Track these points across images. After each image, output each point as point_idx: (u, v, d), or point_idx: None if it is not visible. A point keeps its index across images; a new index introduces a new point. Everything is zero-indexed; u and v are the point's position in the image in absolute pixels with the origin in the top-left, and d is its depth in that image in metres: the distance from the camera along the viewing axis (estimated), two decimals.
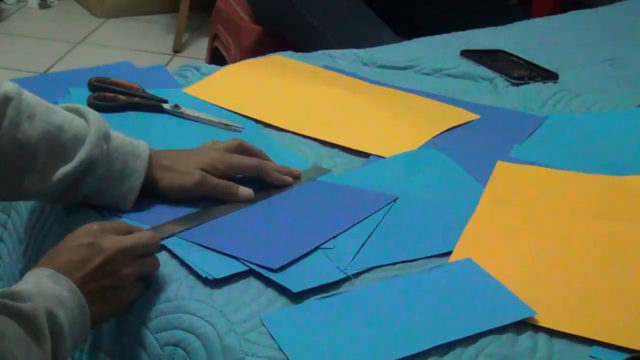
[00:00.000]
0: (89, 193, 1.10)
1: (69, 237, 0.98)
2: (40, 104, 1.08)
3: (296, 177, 1.23)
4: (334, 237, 1.10)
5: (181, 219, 1.11)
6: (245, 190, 1.16)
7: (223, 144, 1.21)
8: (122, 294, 0.98)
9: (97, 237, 0.97)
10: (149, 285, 1.01)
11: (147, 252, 1.01)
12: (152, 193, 1.14)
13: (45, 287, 0.91)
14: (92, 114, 1.11)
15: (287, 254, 1.05)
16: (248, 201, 1.16)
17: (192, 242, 1.07)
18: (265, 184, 1.20)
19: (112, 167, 1.10)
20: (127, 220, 1.10)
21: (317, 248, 1.08)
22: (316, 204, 1.19)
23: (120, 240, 0.98)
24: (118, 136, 1.12)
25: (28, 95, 1.07)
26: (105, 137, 1.10)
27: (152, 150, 1.14)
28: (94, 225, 0.99)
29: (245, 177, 1.20)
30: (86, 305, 0.93)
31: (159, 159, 1.14)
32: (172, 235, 1.07)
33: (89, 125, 1.09)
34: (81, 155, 1.07)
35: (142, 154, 1.12)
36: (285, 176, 1.21)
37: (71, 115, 1.10)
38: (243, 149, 1.21)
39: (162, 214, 1.12)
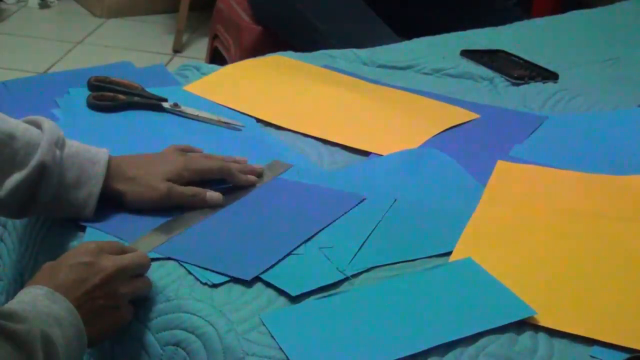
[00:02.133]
0: (46, 202, 1.09)
1: (66, 255, 0.97)
2: None
3: (259, 175, 1.22)
4: (305, 242, 1.09)
5: (158, 230, 1.10)
6: (213, 196, 1.15)
7: (184, 146, 1.21)
8: (119, 314, 0.97)
9: (95, 256, 0.96)
10: (141, 304, 1.00)
11: (141, 273, 1.00)
12: (118, 204, 1.13)
13: (41, 306, 0.89)
14: (47, 122, 1.09)
15: (259, 263, 1.04)
16: (217, 205, 1.15)
17: (167, 257, 1.05)
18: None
19: (67, 174, 1.08)
20: (96, 230, 1.09)
21: (289, 254, 1.07)
22: (285, 206, 1.19)
23: (118, 259, 0.97)
24: (74, 144, 1.11)
25: None
26: (59, 144, 1.08)
27: (113, 158, 1.12)
28: (92, 244, 0.98)
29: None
30: (82, 325, 0.92)
31: (122, 168, 1.12)
32: (152, 249, 1.06)
33: (43, 132, 1.08)
34: (33, 162, 1.06)
35: (100, 160, 1.10)
36: (249, 176, 1.21)
37: (24, 125, 1.08)
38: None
39: (134, 222, 1.11)
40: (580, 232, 1.17)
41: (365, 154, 1.34)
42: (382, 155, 1.33)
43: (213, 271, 1.03)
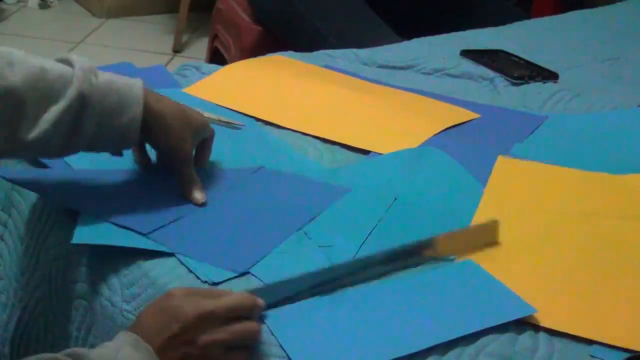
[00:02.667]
0: (90, 133, 1.06)
1: (155, 301, 0.92)
2: (16, 52, 1.05)
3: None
4: (299, 237, 1.10)
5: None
6: (199, 195, 1.14)
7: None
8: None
9: (179, 300, 0.89)
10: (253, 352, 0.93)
11: (243, 316, 0.92)
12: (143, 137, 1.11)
13: (123, 354, 0.85)
14: (74, 56, 1.07)
15: (249, 257, 1.05)
16: (196, 204, 1.14)
17: (169, 253, 1.05)
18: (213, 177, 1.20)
19: (106, 100, 1.06)
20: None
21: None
22: (271, 198, 1.19)
23: (203, 304, 0.89)
24: (105, 72, 1.08)
25: (1, 48, 1.05)
26: (93, 72, 1.06)
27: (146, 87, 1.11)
28: (179, 289, 0.92)
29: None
30: None
31: (157, 96, 1.11)
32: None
33: (73, 64, 1.05)
34: (71, 92, 1.03)
35: (137, 83, 1.09)
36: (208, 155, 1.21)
37: (51, 60, 1.06)
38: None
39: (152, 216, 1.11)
40: (580, 232, 1.17)
41: (366, 152, 1.34)
42: (382, 154, 1.33)
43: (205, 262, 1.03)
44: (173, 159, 1.14)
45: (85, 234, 1.07)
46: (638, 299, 1.05)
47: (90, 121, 1.05)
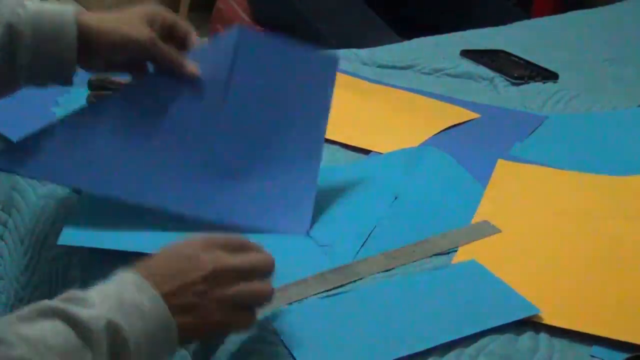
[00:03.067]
0: (28, 67, 1.03)
1: (171, 245, 0.89)
2: None
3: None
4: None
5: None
6: (192, 68, 1.09)
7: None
8: (213, 318, 0.86)
9: (199, 250, 0.87)
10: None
11: (259, 276, 0.89)
12: (92, 56, 1.06)
13: (126, 292, 0.82)
14: None
15: (304, 211, 1.04)
16: (193, 77, 1.09)
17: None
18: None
19: (39, 29, 1.02)
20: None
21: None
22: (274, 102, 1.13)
23: (222, 258, 0.87)
24: (36, 1, 1.04)
25: None
26: (19, 2, 1.03)
27: (80, 9, 1.06)
28: (199, 237, 0.89)
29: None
30: (170, 317, 0.83)
31: (92, 14, 1.06)
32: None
33: None
34: None
35: (67, 8, 1.04)
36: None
37: None
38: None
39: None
40: (581, 232, 1.17)
41: (366, 152, 1.34)
42: (382, 153, 1.33)
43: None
44: (139, 49, 1.06)
45: (71, 236, 1.06)
46: (638, 297, 1.06)
47: (24, 53, 1.02)
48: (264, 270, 0.90)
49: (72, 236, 1.06)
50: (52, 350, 0.76)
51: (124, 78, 1.44)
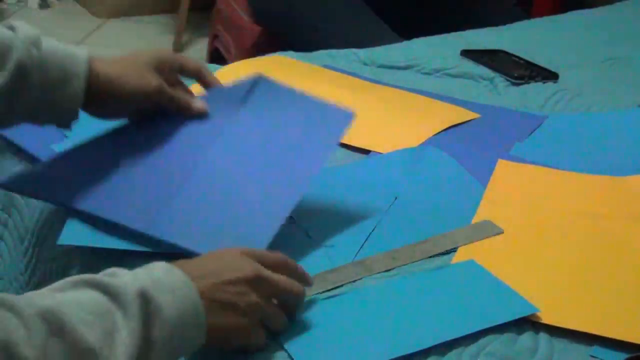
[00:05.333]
0: (29, 109, 1.03)
1: (216, 251, 0.90)
2: None
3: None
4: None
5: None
6: (199, 104, 1.11)
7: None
8: (241, 321, 0.87)
9: (238, 256, 0.89)
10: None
11: (283, 301, 0.91)
12: (101, 104, 1.07)
13: (155, 273, 0.82)
14: (19, 23, 1.02)
15: (267, 228, 1.02)
16: (202, 115, 1.11)
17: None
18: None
19: (48, 74, 1.02)
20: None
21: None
22: (274, 139, 1.12)
23: (264, 270, 0.89)
24: (51, 41, 1.04)
25: None
26: (36, 43, 1.01)
27: (94, 56, 1.06)
28: (237, 249, 0.90)
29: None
30: (201, 304, 0.82)
31: (104, 59, 1.06)
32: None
33: (16, 32, 1.01)
34: (10, 64, 0.99)
35: (81, 56, 1.04)
36: (219, 81, 1.16)
37: None
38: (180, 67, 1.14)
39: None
40: (581, 232, 1.17)
41: (366, 152, 1.34)
42: (382, 153, 1.33)
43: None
44: (146, 99, 1.08)
45: (72, 236, 1.06)
46: (638, 295, 1.06)
47: (30, 95, 1.02)
48: (294, 298, 0.92)
49: (72, 236, 1.06)
50: (84, 309, 0.76)
51: None
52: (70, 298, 0.78)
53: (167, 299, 0.80)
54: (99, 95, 1.06)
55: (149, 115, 1.14)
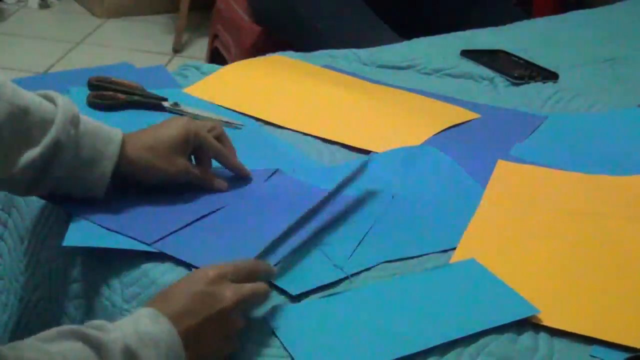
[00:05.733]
0: (57, 181, 1.07)
1: (184, 280, 0.93)
2: (7, 86, 1.04)
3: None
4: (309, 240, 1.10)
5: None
6: (220, 183, 1.18)
7: (200, 122, 1.20)
8: (228, 347, 0.93)
9: (216, 284, 0.92)
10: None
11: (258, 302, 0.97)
12: (129, 180, 1.12)
13: (142, 324, 0.87)
14: (60, 98, 1.08)
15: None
16: (222, 191, 1.17)
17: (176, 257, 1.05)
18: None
19: (81, 153, 1.07)
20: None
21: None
22: (282, 204, 1.18)
23: (239, 289, 0.93)
24: (89, 121, 1.09)
25: None
26: (74, 121, 1.06)
27: (125, 135, 1.11)
28: (212, 271, 0.93)
29: None
30: (183, 351, 0.88)
31: (135, 141, 1.11)
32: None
33: (57, 108, 1.06)
34: (47, 139, 1.04)
35: (115, 139, 1.09)
36: (244, 167, 1.21)
37: (39, 99, 1.07)
38: (219, 134, 1.20)
39: (141, 219, 1.10)
40: (580, 232, 1.17)
41: (366, 152, 1.34)
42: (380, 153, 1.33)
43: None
44: (172, 181, 1.14)
45: (77, 237, 1.07)
46: (638, 298, 1.06)
47: (60, 170, 1.07)
48: (264, 299, 0.97)
49: (77, 236, 1.07)
50: None
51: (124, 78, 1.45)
52: (58, 352, 0.80)
53: (151, 354, 0.85)
54: (126, 176, 1.12)
55: None
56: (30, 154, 1.04)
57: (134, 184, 1.14)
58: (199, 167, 1.17)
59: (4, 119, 1.02)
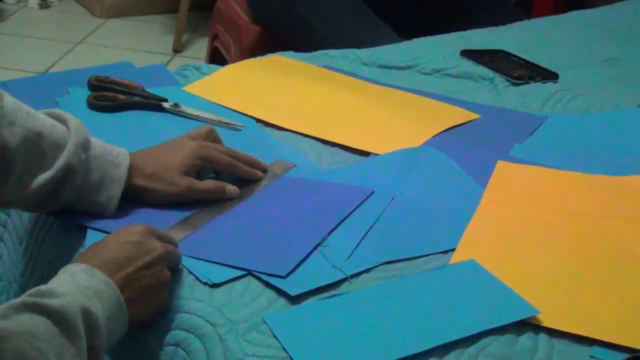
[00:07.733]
0: (67, 202, 1.10)
1: (114, 234, 0.98)
2: (21, 110, 1.06)
3: (264, 171, 1.24)
4: (328, 234, 1.10)
5: (176, 227, 1.10)
6: (231, 189, 1.18)
7: (195, 132, 1.21)
8: (160, 297, 0.98)
9: (145, 236, 0.98)
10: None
11: (174, 264, 1.03)
12: (137, 200, 1.14)
13: (80, 279, 0.89)
14: (73, 120, 1.10)
15: (290, 258, 1.05)
16: (234, 198, 1.18)
17: (190, 256, 1.05)
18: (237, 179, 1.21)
19: (90, 176, 1.09)
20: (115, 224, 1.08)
21: (316, 246, 1.08)
22: (298, 201, 1.19)
23: (165, 244, 1.00)
24: (98, 144, 1.12)
25: (9, 101, 1.05)
26: (84, 145, 1.09)
27: (132, 156, 1.13)
28: (140, 226, 0.99)
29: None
30: (123, 300, 0.92)
31: (140, 166, 1.13)
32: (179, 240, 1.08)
33: (70, 132, 1.08)
34: (59, 163, 1.06)
35: (123, 163, 1.11)
36: (255, 170, 1.23)
37: (52, 122, 1.09)
38: (215, 138, 1.23)
39: (153, 218, 1.11)
40: (580, 233, 1.17)
41: (366, 154, 1.34)
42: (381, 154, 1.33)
43: (242, 268, 1.03)
44: (177, 199, 1.15)
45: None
46: (638, 298, 1.06)
47: (69, 193, 1.09)
48: (179, 260, 1.04)
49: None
50: (38, 339, 0.81)
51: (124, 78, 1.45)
52: (20, 327, 0.81)
53: (98, 306, 0.88)
54: (134, 196, 1.14)
55: None
56: (42, 177, 1.06)
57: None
58: (206, 182, 1.17)
59: (18, 144, 1.04)
